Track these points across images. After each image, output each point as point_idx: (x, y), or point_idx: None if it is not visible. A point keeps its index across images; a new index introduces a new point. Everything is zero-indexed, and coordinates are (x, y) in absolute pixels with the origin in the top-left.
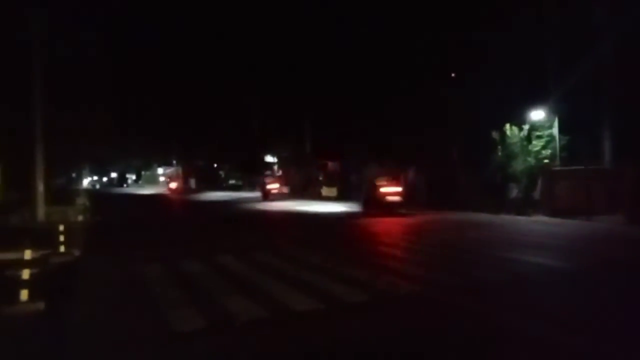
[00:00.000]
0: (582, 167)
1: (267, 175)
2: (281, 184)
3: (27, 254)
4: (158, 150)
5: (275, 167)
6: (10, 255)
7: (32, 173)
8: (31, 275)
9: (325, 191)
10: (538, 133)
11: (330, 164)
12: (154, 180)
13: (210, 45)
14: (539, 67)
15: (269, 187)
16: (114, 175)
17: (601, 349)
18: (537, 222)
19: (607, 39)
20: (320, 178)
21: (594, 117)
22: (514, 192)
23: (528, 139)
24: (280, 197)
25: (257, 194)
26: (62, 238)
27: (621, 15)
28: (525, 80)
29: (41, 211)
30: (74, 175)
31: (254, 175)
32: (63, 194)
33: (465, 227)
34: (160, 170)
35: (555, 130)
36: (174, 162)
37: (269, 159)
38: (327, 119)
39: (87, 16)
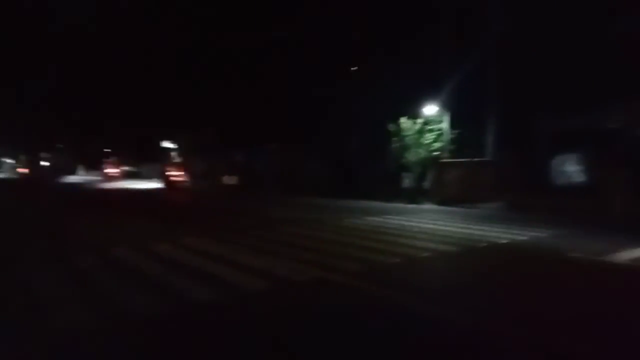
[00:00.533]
0: (468, 159)
1: (107, 162)
2: (118, 168)
3: None
4: (43, 135)
5: (174, 154)
6: None
7: None
8: None
9: (226, 179)
10: (430, 127)
11: (236, 154)
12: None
13: (104, 25)
14: (434, 63)
15: (107, 171)
16: None
17: (481, 324)
18: (427, 210)
19: (491, 36)
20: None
21: (479, 112)
22: (407, 181)
23: (421, 132)
24: (117, 179)
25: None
26: None
27: (503, 14)
28: (422, 76)
29: None
30: None
31: (151, 162)
32: None
33: (359, 213)
34: (43, 155)
35: (445, 125)
36: (60, 147)
37: (167, 145)
38: (231, 108)
39: None
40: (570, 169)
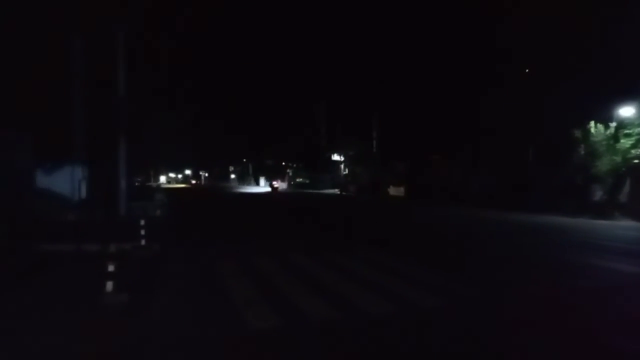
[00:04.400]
0: None
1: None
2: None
3: (112, 247)
4: (228, 150)
5: (342, 166)
6: (97, 248)
7: (116, 171)
8: (116, 267)
9: (392, 190)
10: (627, 131)
11: (397, 164)
12: (221, 178)
13: (278, 51)
14: (628, 62)
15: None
16: (187, 172)
17: None
18: (626, 228)
19: None
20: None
21: None
22: (598, 193)
23: (615, 137)
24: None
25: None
26: (142, 232)
27: None
28: (611, 76)
29: (123, 206)
30: (151, 172)
31: (320, 173)
32: (142, 191)
33: (543, 231)
34: (231, 168)
35: None
36: (244, 160)
37: (336, 157)
38: (395, 119)
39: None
40: None
